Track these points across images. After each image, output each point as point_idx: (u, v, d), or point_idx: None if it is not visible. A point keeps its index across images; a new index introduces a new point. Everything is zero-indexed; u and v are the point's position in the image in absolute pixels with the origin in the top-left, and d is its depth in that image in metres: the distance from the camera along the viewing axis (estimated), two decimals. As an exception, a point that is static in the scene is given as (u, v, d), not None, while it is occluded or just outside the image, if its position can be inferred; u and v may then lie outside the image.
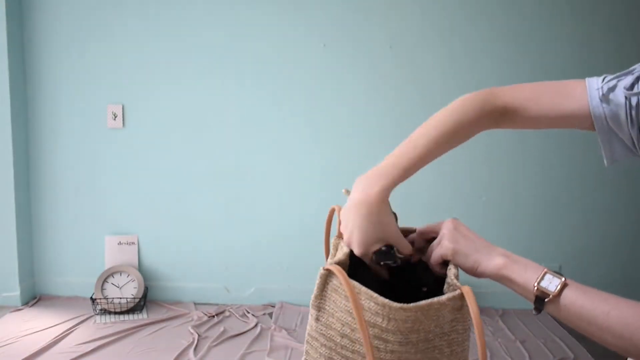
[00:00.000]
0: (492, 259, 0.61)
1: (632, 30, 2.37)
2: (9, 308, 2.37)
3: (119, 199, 2.49)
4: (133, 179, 2.48)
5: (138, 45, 2.42)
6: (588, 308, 0.56)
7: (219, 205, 2.49)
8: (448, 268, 0.63)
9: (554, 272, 0.59)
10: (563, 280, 0.58)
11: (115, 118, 2.44)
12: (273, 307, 2.46)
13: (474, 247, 0.62)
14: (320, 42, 2.40)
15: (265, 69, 2.41)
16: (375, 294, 0.57)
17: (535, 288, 0.58)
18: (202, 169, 2.47)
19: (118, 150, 2.47)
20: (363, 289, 0.58)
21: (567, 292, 0.57)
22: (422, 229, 0.69)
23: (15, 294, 2.41)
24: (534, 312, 0.60)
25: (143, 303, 2.40)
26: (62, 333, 2.07)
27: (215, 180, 2.47)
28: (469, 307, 0.55)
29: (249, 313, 2.37)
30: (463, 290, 0.56)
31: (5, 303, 2.41)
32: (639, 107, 0.64)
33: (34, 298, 2.50)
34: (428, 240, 0.68)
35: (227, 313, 2.37)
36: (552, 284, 0.57)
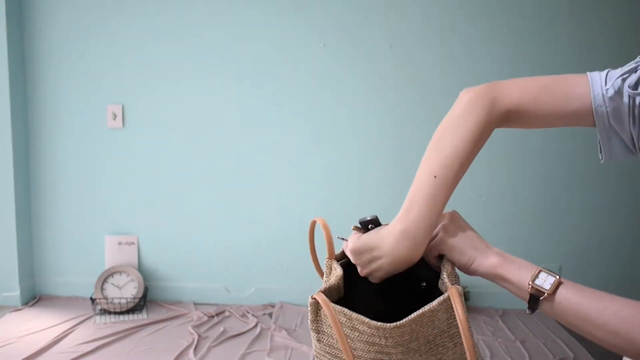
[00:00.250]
0: (487, 258, 0.61)
1: (632, 30, 2.37)
2: (9, 308, 2.37)
3: (119, 199, 2.49)
4: (133, 179, 2.48)
5: (138, 45, 2.42)
6: (583, 305, 0.56)
7: (219, 205, 2.49)
8: (442, 264, 0.63)
9: (549, 270, 0.59)
10: (558, 278, 0.58)
11: (115, 118, 2.44)
12: (273, 307, 2.46)
13: (471, 243, 0.62)
14: (320, 42, 2.40)
15: (265, 69, 2.41)
16: (367, 319, 0.57)
17: (530, 286, 0.58)
18: (202, 169, 2.47)
19: (118, 150, 2.47)
20: (354, 316, 0.58)
21: (561, 290, 0.57)
22: None
23: (15, 294, 2.41)
24: (528, 311, 0.59)
25: (143, 303, 2.40)
26: (62, 333, 2.07)
27: (215, 180, 2.47)
28: (454, 309, 0.55)
29: (249, 313, 2.37)
30: (449, 292, 0.56)
31: (5, 303, 2.41)
32: None
33: (34, 298, 2.50)
34: None
35: (227, 313, 2.37)
36: (546, 282, 0.58)
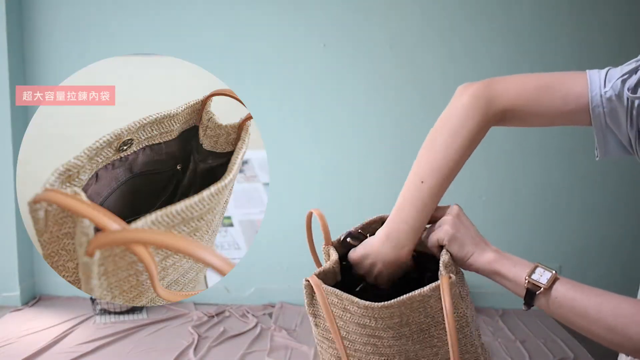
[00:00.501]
0: (484, 253, 0.61)
1: (632, 30, 2.37)
2: (9, 308, 2.37)
3: (119, 199, 2.49)
4: (133, 179, 2.48)
5: (138, 45, 2.41)
6: (580, 301, 0.56)
7: (219, 205, 2.48)
8: (441, 254, 0.63)
9: (545, 266, 0.59)
10: (554, 274, 0.58)
11: (115, 118, 2.43)
12: (273, 307, 2.46)
13: (471, 239, 0.62)
14: (320, 42, 2.40)
15: (265, 69, 2.41)
16: (357, 299, 0.58)
17: (527, 281, 0.58)
18: (202, 169, 2.47)
19: (118, 150, 2.46)
20: (345, 296, 0.59)
21: (558, 285, 0.57)
22: None
23: (15, 294, 2.41)
24: (524, 307, 0.60)
25: (143, 303, 2.39)
26: (62, 333, 2.07)
27: (215, 180, 2.47)
28: (442, 297, 0.55)
29: (249, 313, 2.37)
30: (440, 280, 0.56)
31: (5, 303, 2.41)
32: None
33: (34, 298, 2.50)
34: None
35: (227, 313, 2.37)
36: (543, 277, 0.58)
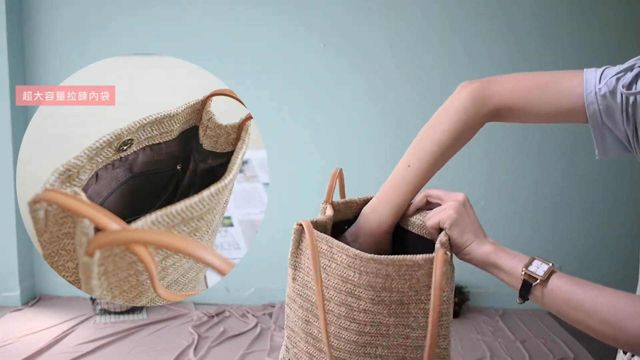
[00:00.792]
0: (483, 244, 0.62)
1: (632, 30, 2.37)
2: (9, 308, 2.37)
3: (119, 199, 2.49)
4: (133, 179, 2.48)
5: (138, 45, 2.41)
6: (576, 293, 0.57)
7: (219, 205, 2.48)
8: (439, 235, 0.63)
9: (542, 259, 0.59)
10: (551, 266, 0.58)
11: (115, 118, 2.43)
12: (273, 307, 2.46)
13: (472, 228, 0.62)
14: (320, 42, 2.40)
15: (265, 69, 2.41)
16: (348, 247, 0.57)
17: (523, 272, 0.58)
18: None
19: (118, 150, 2.46)
20: (335, 242, 0.58)
21: (554, 278, 0.58)
22: (431, 192, 0.69)
23: (15, 294, 2.41)
24: (519, 300, 0.59)
25: (143, 303, 2.39)
26: (62, 333, 2.07)
27: (215, 180, 2.47)
28: (434, 269, 0.54)
29: (249, 313, 2.37)
30: (436, 253, 0.56)
31: (5, 303, 2.41)
32: (636, 105, 0.63)
33: (34, 298, 2.50)
34: (430, 204, 0.68)
35: (227, 313, 2.37)
36: (540, 269, 0.58)
